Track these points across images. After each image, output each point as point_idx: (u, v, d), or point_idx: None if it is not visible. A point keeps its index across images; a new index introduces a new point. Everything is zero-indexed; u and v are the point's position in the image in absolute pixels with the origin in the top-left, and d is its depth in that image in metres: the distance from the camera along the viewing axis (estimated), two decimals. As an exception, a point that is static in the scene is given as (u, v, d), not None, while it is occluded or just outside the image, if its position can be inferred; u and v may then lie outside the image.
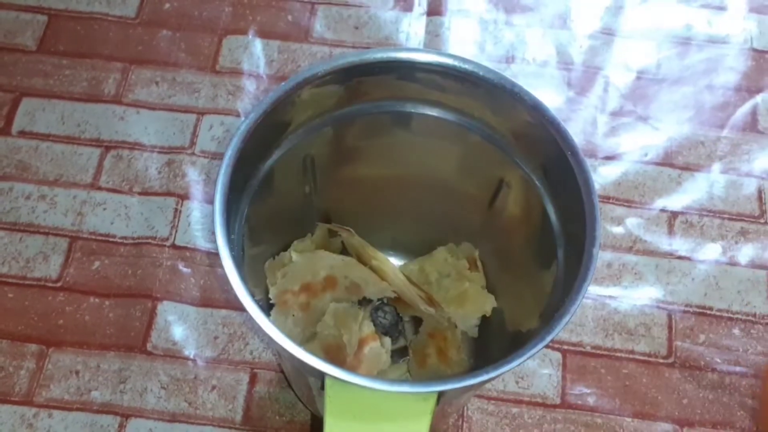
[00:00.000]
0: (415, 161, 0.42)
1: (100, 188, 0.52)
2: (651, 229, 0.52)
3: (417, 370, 0.45)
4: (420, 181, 0.43)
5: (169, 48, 0.58)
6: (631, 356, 0.48)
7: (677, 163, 0.55)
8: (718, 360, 0.48)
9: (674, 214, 0.53)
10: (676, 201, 0.53)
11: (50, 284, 0.49)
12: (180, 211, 0.51)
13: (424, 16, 0.61)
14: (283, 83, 0.34)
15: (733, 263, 0.51)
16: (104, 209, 0.51)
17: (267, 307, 0.42)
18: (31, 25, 0.59)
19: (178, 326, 0.48)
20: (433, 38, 0.59)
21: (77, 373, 0.46)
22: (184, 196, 0.52)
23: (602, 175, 0.54)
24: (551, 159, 0.35)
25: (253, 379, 0.46)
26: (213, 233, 0.31)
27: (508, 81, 0.34)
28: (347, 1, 0.61)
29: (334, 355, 0.41)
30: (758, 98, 0.58)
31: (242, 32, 0.59)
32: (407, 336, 0.47)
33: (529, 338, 0.30)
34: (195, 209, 0.52)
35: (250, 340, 0.47)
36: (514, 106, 0.35)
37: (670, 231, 0.52)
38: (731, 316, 0.49)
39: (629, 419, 0.46)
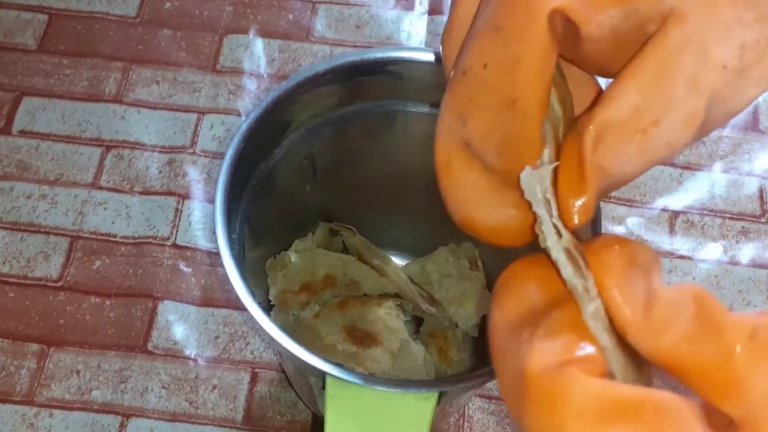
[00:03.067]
0: (415, 161, 0.42)
1: (100, 188, 0.52)
2: (652, 229, 0.52)
3: (418, 369, 0.45)
4: (421, 181, 0.43)
5: (169, 47, 0.58)
6: (632, 356, 0.48)
7: (678, 162, 0.55)
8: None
9: (675, 214, 0.53)
10: (677, 200, 0.53)
11: (51, 284, 0.49)
12: (181, 211, 0.51)
13: (426, 15, 0.61)
14: (284, 83, 0.34)
15: (734, 263, 0.51)
16: (105, 209, 0.51)
17: (268, 307, 0.42)
18: (31, 24, 0.59)
19: (179, 326, 0.48)
20: (435, 37, 0.59)
21: (78, 372, 0.46)
22: (185, 196, 0.52)
23: (603, 175, 0.54)
24: (552, 158, 0.34)
25: (254, 379, 0.46)
26: (214, 233, 0.31)
27: (509, 80, 0.34)
28: (348, 1, 0.61)
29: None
30: (759, 98, 0.58)
31: (243, 31, 0.59)
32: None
33: (531, 338, 0.30)
34: (196, 209, 0.52)
35: (251, 340, 0.47)
36: (515, 105, 0.35)
37: (671, 230, 0.52)
38: (732, 315, 0.49)
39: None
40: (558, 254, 0.18)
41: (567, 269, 0.17)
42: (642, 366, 0.17)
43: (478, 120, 0.19)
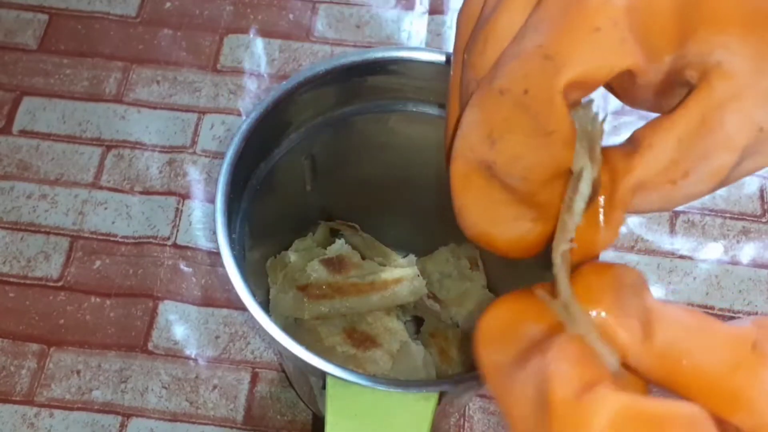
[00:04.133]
0: (416, 161, 0.42)
1: (101, 187, 0.52)
2: (653, 228, 0.52)
3: (418, 369, 0.45)
4: (421, 181, 0.43)
5: (170, 47, 0.58)
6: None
7: (679, 162, 0.55)
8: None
9: (676, 214, 0.53)
10: (677, 200, 0.53)
11: (51, 284, 0.49)
12: (181, 211, 0.51)
13: (426, 15, 0.61)
14: (284, 82, 0.34)
15: (734, 262, 0.51)
16: (105, 208, 0.51)
17: (268, 307, 0.42)
18: (31, 24, 0.59)
19: (180, 326, 0.48)
20: (435, 37, 0.59)
21: (78, 372, 0.46)
22: (185, 196, 0.52)
23: (604, 175, 0.54)
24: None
25: (254, 379, 0.46)
26: (214, 232, 0.31)
27: (509, 80, 0.34)
28: (349, 0, 0.61)
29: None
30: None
31: (243, 31, 0.59)
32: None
33: (531, 338, 0.30)
34: (196, 208, 0.52)
35: (252, 340, 0.47)
36: (515, 105, 0.35)
37: (672, 230, 0.52)
38: (733, 315, 0.49)
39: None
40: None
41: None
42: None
43: (508, 143, 0.18)
